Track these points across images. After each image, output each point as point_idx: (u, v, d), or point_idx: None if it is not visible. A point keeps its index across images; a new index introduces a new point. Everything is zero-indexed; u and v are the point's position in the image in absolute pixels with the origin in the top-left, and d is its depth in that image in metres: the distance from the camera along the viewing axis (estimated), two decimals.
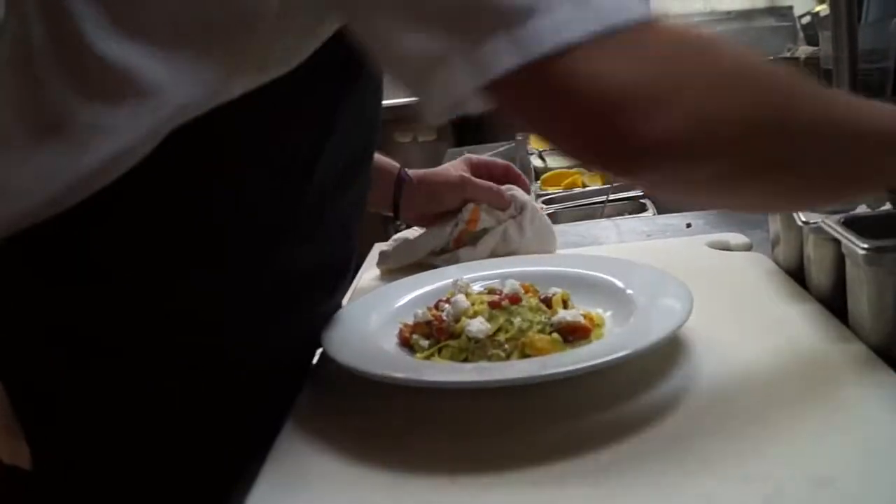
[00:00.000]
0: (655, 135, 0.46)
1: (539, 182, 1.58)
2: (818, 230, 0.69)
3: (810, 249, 0.75)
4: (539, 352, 0.65)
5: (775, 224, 0.85)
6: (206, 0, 0.55)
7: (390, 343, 0.71)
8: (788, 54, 2.09)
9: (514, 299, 0.70)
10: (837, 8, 1.39)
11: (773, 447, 0.52)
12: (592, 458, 0.53)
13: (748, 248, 0.94)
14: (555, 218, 1.00)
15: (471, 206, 0.97)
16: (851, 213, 0.70)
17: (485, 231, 0.96)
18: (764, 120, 0.50)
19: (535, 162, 1.96)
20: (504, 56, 0.46)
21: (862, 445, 0.51)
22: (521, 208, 0.97)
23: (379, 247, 1.05)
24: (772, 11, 2.84)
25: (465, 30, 0.47)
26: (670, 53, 0.49)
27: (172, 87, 0.56)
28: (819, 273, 0.74)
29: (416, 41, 0.48)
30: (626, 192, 1.42)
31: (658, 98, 0.47)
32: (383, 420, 0.62)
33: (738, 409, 0.58)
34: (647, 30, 0.48)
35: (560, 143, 0.51)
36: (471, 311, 0.70)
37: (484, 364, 0.66)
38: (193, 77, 0.56)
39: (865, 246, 0.60)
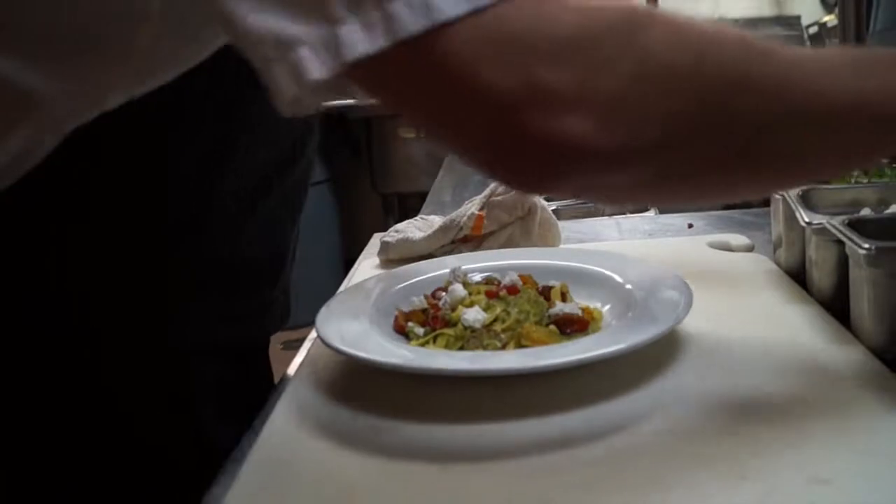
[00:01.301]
0: (563, 135, 0.39)
1: None
2: (821, 231, 0.68)
3: (812, 251, 0.74)
4: (535, 343, 0.64)
5: (777, 225, 0.84)
6: (79, 9, 0.52)
7: (385, 330, 0.70)
8: None
9: (512, 290, 0.70)
10: (845, 18, 1.39)
11: (771, 447, 0.51)
12: (586, 452, 0.52)
13: (750, 248, 0.94)
14: (556, 215, 0.99)
15: (474, 213, 0.93)
16: (855, 215, 0.70)
17: (490, 234, 0.94)
18: (702, 116, 0.42)
19: None
20: (365, 35, 0.38)
21: (861, 447, 0.51)
22: (529, 210, 0.94)
23: (378, 236, 1.04)
24: (779, 20, 2.84)
25: (316, 7, 0.39)
26: (586, 34, 0.40)
27: (51, 99, 0.53)
28: (821, 275, 0.73)
29: (262, 20, 0.40)
30: None
31: (565, 90, 0.39)
32: (374, 406, 0.61)
33: (736, 408, 0.57)
34: (556, 4, 0.40)
35: (447, 142, 0.43)
36: (468, 301, 0.69)
37: (478, 353, 0.65)
38: (72, 88, 0.54)
39: (869, 247, 0.59)
